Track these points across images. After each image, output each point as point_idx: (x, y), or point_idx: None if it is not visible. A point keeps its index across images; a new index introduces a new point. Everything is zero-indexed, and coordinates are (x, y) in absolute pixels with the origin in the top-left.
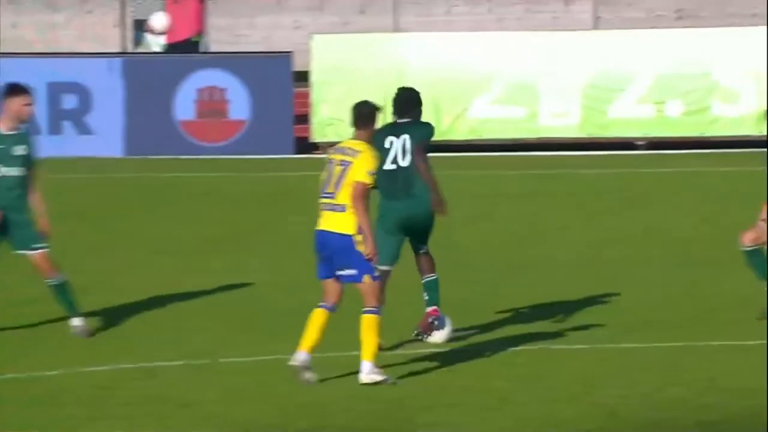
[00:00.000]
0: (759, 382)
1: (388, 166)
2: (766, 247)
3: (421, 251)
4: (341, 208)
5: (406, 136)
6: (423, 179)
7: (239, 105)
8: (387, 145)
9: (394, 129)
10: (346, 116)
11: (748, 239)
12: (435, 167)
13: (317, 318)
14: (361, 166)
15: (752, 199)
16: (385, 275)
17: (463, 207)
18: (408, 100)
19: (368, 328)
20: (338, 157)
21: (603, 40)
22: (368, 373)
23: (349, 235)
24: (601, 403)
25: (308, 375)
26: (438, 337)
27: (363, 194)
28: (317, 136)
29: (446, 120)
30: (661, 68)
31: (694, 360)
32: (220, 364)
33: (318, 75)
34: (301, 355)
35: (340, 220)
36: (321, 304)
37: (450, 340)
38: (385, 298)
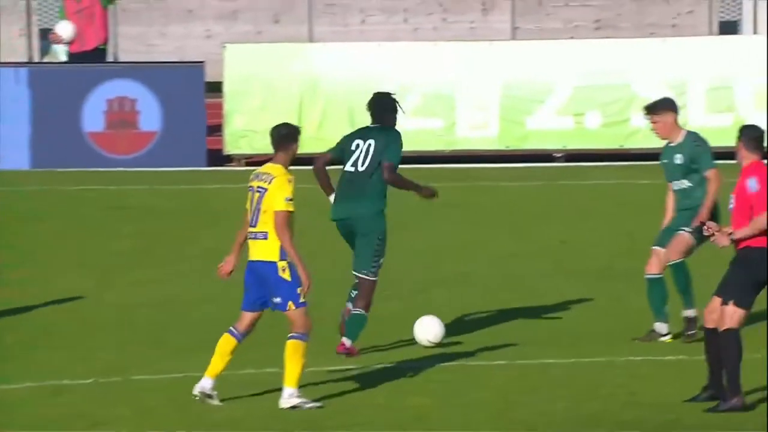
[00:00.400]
0: (677, 397)
1: (348, 167)
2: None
3: (359, 273)
4: (263, 236)
5: (372, 141)
6: (378, 189)
7: (150, 116)
8: (353, 147)
9: (363, 133)
10: (260, 127)
11: (655, 267)
12: None
13: (224, 344)
14: (277, 194)
15: None
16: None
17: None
18: (380, 106)
19: (293, 353)
20: (255, 183)
21: (521, 50)
22: (288, 398)
23: (272, 262)
24: (521, 419)
25: (211, 401)
26: None
27: (284, 222)
28: (230, 148)
29: None
30: (580, 79)
31: (614, 375)
32: (131, 381)
33: (231, 85)
34: (204, 382)
35: (262, 248)
36: (230, 329)
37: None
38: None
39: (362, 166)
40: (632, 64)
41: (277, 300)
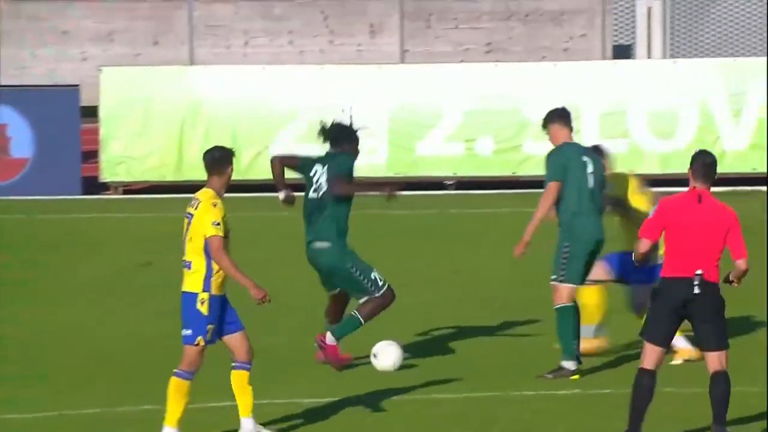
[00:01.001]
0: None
1: (310, 194)
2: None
3: (330, 292)
4: (188, 266)
5: (326, 167)
6: (338, 214)
7: (22, 142)
8: (312, 173)
9: (322, 159)
10: (138, 153)
11: (565, 297)
12: (235, 208)
13: (175, 389)
14: (203, 219)
15: None
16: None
17: (264, 249)
18: (338, 133)
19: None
20: (187, 209)
21: (410, 74)
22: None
23: (192, 293)
24: None
25: None
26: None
27: (220, 247)
28: (107, 175)
29: (246, 158)
30: (471, 104)
31: (508, 410)
32: (1, 421)
33: (107, 110)
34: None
35: (188, 278)
36: (176, 370)
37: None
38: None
39: (317, 193)
40: (524, 88)
41: (187, 332)
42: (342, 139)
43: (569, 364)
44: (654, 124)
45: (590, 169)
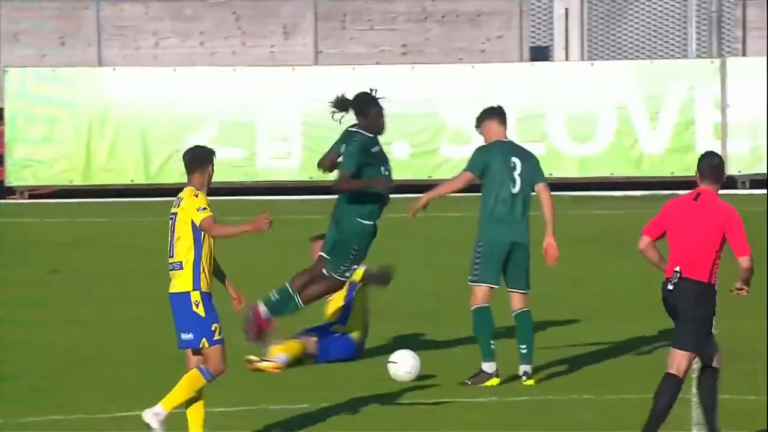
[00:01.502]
0: None
1: None
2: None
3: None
4: (179, 266)
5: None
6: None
7: None
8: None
9: (341, 139)
10: (45, 157)
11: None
12: (144, 213)
13: (190, 378)
14: (188, 210)
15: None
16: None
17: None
18: (360, 101)
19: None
20: (172, 210)
21: (324, 76)
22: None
23: (185, 293)
24: None
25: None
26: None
27: (211, 223)
28: (12, 179)
29: (156, 161)
30: (386, 107)
31: (420, 420)
32: None
33: (12, 112)
34: (158, 409)
35: (177, 279)
36: (200, 366)
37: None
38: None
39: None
40: (441, 91)
41: (188, 336)
42: (364, 107)
43: (488, 367)
44: (572, 127)
45: (519, 170)
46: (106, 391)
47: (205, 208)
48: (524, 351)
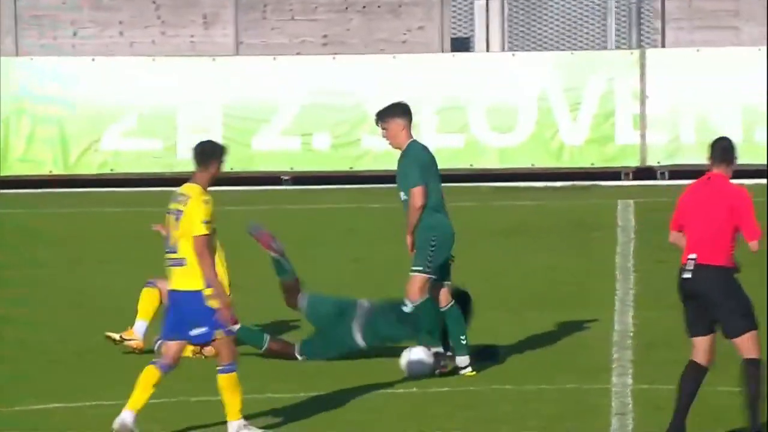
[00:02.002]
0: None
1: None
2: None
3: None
4: (182, 263)
5: None
6: None
7: None
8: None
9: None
10: None
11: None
12: (58, 204)
13: (148, 376)
14: (193, 217)
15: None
16: None
17: (95, 249)
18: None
19: (227, 388)
20: (172, 206)
21: (245, 66)
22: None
23: (193, 291)
24: None
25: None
26: None
27: (203, 246)
28: None
29: (75, 153)
30: (308, 98)
31: (345, 410)
32: None
33: None
34: (126, 415)
35: (183, 277)
36: (154, 361)
37: None
38: None
39: None
40: (362, 82)
41: (200, 330)
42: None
43: (464, 360)
44: (493, 118)
45: (436, 165)
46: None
47: (208, 222)
48: (464, 342)
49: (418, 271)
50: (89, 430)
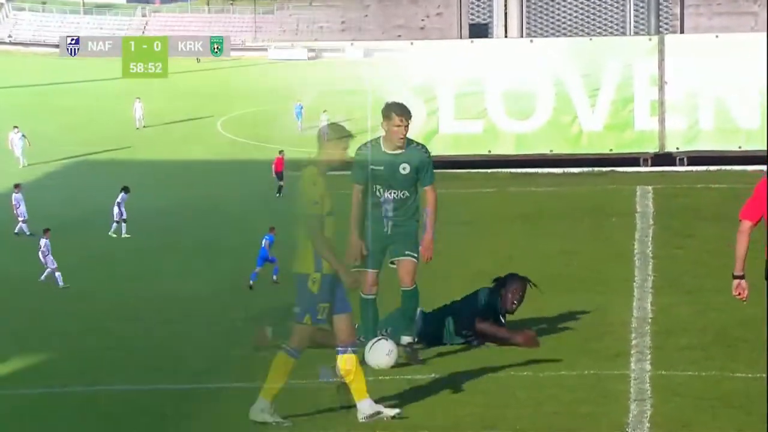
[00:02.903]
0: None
1: None
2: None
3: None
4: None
5: None
6: None
7: None
8: None
9: None
10: None
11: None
12: None
13: (278, 363)
14: (303, 198)
15: None
16: None
17: None
18: None
19: (350, 371)
20: None
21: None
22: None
23: (303, 274)
24: None
25: (265, 416)
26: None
27: (314, 227)
28: None
29: None
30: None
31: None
32: None
33: None
34: (261, 403)
35: (298, 260)
36: (284, 346)
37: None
38: None
39: None
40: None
41: (296, 309)
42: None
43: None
44: (510, 104)
45: None
46: None
47: (317, 203)
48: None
49: (415, 257)
50: None
